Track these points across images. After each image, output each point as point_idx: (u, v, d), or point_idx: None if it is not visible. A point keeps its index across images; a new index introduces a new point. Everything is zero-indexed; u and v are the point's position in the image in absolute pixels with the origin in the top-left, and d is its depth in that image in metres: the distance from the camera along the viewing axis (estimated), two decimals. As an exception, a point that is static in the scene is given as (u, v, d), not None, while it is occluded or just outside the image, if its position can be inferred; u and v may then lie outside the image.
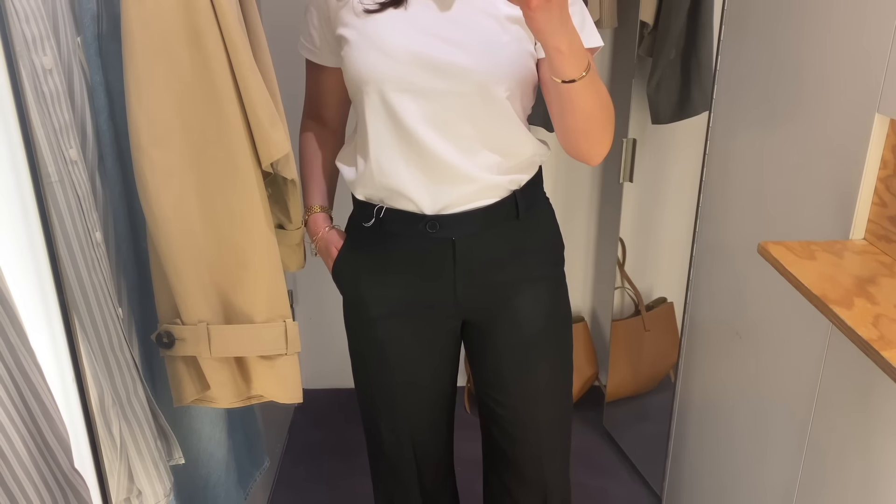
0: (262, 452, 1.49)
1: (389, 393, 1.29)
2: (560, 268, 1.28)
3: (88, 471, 0.71)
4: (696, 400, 1.72)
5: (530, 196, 1.20)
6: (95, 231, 0.80)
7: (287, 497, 2.02)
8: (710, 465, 1.65)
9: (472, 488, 1.61)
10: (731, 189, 1.52)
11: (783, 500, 1.29)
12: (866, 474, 1.05)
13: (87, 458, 0.71)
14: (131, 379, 0.83)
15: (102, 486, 0.72)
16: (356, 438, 2.22)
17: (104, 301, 0.79)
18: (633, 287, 2.23)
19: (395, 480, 1.41)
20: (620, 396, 2.26)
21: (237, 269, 0.94)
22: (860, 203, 1.07)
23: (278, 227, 1.16)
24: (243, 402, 1.01)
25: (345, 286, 1.26)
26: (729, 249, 1.54)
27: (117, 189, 0.92)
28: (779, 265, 1.04)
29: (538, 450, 1.31)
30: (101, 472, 0.71)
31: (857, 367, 1.08)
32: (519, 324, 1.23)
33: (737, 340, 1.49)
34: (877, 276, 0.99)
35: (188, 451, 1.10)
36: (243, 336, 0.95)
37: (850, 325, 0.87)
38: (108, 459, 0.74)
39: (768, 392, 1.35)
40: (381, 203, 1.16)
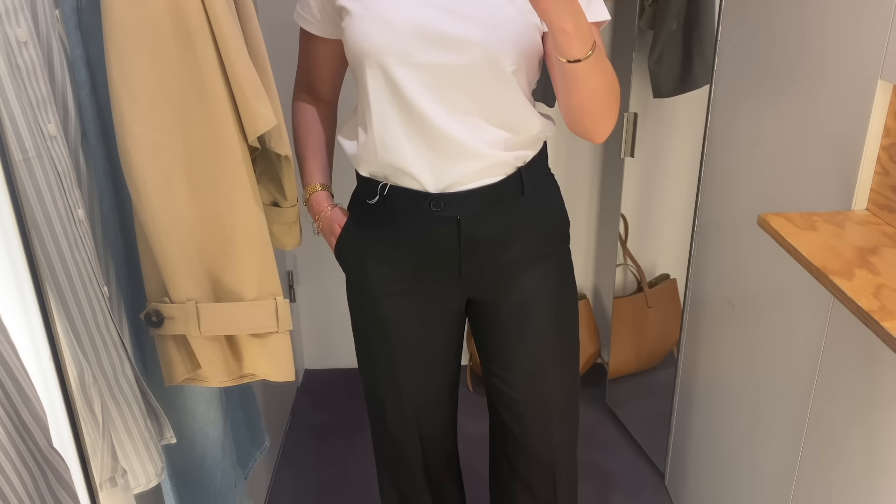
0: (262, 432, 1.49)
1: (394, 371, 1.28)
2: (566, 245, 1.26)
3: (69, 450, 0.70)
4: (699, 376, 1.71)
5: (535, 173, 1.18)
6: (78, 208, 0.79)
7: (290, 476, 2.03)
8: (712, 441, 1.64)
9: (475, 467, 1.61)
10: (733, 162, 1.50)
11: (785, 474, 1.28)
12: (868, 447, 1.04)
13: (68, 438, 0.70)
14: (118, 358, 0.82)
15: (84, 465, 0.71)
16: (359, 418, 2.23)
17: (88, 279, 0.78)
18: (635, 264, 2.21)
19: (398, 459, 1.40)
20: (623, 374, 2.25)
21: (225, 246, 0.92)
22: (862, 172, 1.05)
23: (273, 204, 1.15)
24: (235, 380, 1.00)
25: (348, 265, 1.24)
26: (731, 224, 1.52)
27: (102, 166, 0.91)
28: (779, 237, 1.02)
29: (546, 428, 1.30)
30: (82, 452, 0.71)
31: (858, 340, 1.06)
32: (525, 302, 1.22)
33: (739, 315, 1.48)
34: (879, 246, 0.97)
35: (182, 431, 1.09)
36: (233, 314, 0.94)
37: (850, 295, 0.85)
38: (89, 438, 0.73)
39: (770, 367, 1.34)
40: (385, 180, 1.14)
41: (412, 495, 1.45)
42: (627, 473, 2.01)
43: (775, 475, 1.32)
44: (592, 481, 1.96)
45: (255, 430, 1.46)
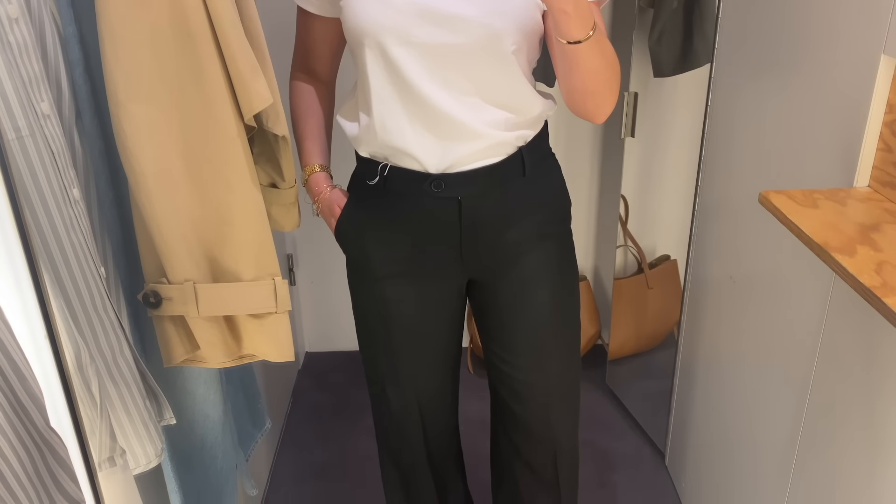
0: (263, 414, 1.49)
1: (395, 352, 1.28)
2: (567, 224, 1.26)
3: (67, 430, 0.70)
4: (699, 356, 1.71)
5: (537, 152, 1.17)
6: (73, 188, 0.78)
7: (292, 458, 2.03)
8: (712, 421, 1.64)
9: (476, 449, 1.61)
10: (734, 141, 1.48)
11: (785, 453, 1.28)
12: (869, 424, 1.04)
13: (66, 418, 0.70)
14: (116, 339, 0.82)
15: (83, 445, 0.71)
16: (360, 400, 2.23)
17: (84, 260, 0.77)
18: (635, 245, 2.20)
19: (400, 440, 1.40)
20: (623, 355, 2.25)
21: (222, 226, 0.92)
22: (865, 149, 1.04)
23: (271, 185, 1.14)
24: (234, 361, 0.99)
25: (348, 246, 1.24)
26: (732, 203, 1.51)
27: (97, 146, 0.90)
28: (780, 214, 1.01)
29: (547, 408, 1.30)
30: (80, 431, 0.70)
31: (859, 318, 1.05)
32: (526, 282, 1.21)
33: (740, 295, 1.47)
34: (881, 223, 0.97)
35: (182, 413, 1.09)
36: (231, 294, 0.94)
37: (852, 272, 0.85)
38: (87, 418, 0.73)
39: (771, 346, 1.34)
40: (386, 161, 1.14)
41: (413, 476, 1.46)
42: (628, 453, 2.01)
43: (775, 454, 1.32)
44: (593, 461, 1.97)
45: (256, 411, 1.47)
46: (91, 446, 0.73)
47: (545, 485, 1.37)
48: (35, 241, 0.70)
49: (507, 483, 1.43)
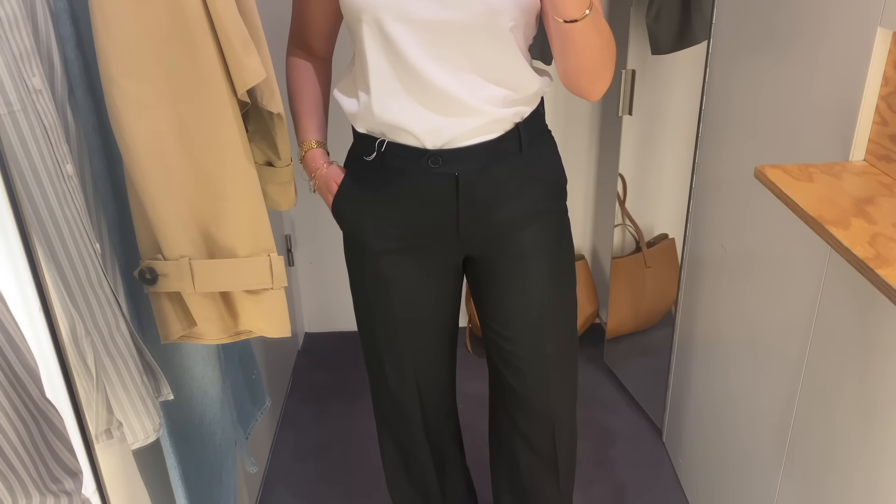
0: (262, 392, 1.50)
1: (393, 328, 1.29)
2: (563, 201, 1.26)
3: (63, 402, 0.71)
4: (697, 334, 1.72)
5: (534, 129, 1.17)
6: (66, 163, 0.78)
7: (292, 437, 2.05)
8: (709, 398, 1.65)
9: (474, 426, 1.62)
10: (731, 118, 1.48)
11: (781, 427, 1.29)
12: (863, 397, 1.05)
13: (62, 390, 0.70)
14: (112, 314, 0.82)
15: (79, 417, 0.71)
16: (359, 380, 2.24)
17: (79, 235, 0.78)
18: (633, 224, 2.20)
19: (398, 417, 1.41)
20: (621, 333, 2.26)
21: (217, 201, 0.92)
22: (860, 122, 1.04)
23: (267, 164, 1.14)
24: (231, 337, 1.00)
25: (346, 222, 1.24)
26: (729, 180, 1.51)
27: (90, 122, 0.90)
28: (775, 188, 1.01)
29: (545, 382, 1.31)
30: (76, 404, 0.71)
31: (854, 291, 1.06)
32: (523, 257, 1.22)
33: (737, 272, 1.48)
34: (876, 196, 0.97)
35: (180, 389, 1.10)
36: (227, 270, 0.94)
37: (846, 244, 0.85)
38: (83, 391, 0.73)
39: (767, 322, 1.34)
40: (383, 137, 1.13)
41: (412, 451, 1.47)
42: (625, 430, 2.03)
43: (771, 429, 1.33)
44: (591, 438, 1.98)
45: (256, 390, 1.47)
46: (88, 419, 0.73)
47: (543, 460, 1.39)
48: (28, 214, 0.70)
49: (506, 459, 1.44)
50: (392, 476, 1.54)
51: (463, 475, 1.57)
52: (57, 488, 0.61)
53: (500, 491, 1.50)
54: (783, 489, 1.28)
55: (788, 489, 1.27)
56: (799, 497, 1.23)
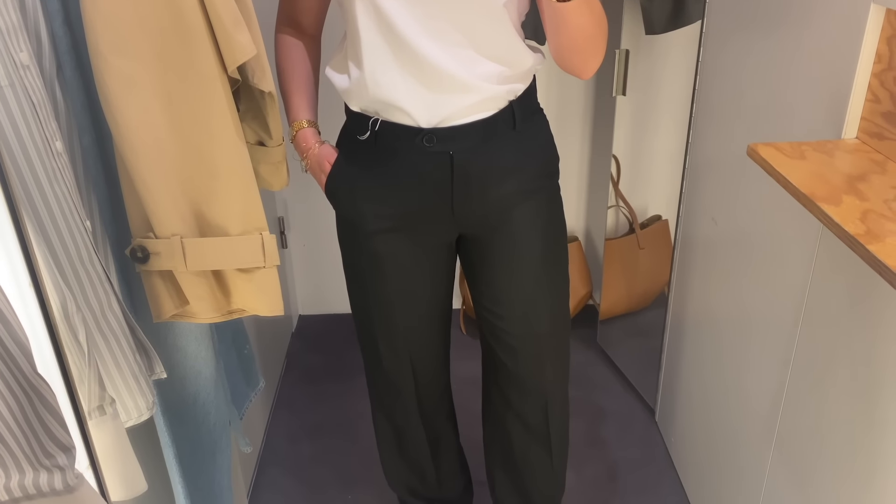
0: (256, 373, 1.50)
1: (386, 308, 1.29)
2: (555, 179, 1.26)
3: (55, 378, 0.71)
4: (689, 314, 1.72)
5: (527, 106, 1.17)
6: (55, 140, 0.78)
7: (286, 418, 2.06)
8: (701, 377, 1.66)
9: (468, 407, 1.63)
10: (725, 98, 1.48)
11: (772, 406, 1.30)
12: (853, 375, 1.05)
13: (53, 366, 0.70)
14: (104, 292, 0.82)
15: (71, 393, 0.71)
16: (354, 361, 2.25)
17: (69, 213, 0.77)
18: (627, 205, 2.20)
19: (392, 395, 1.42)
20: (614, 314, 2.27)
21: (208, 179, 0.91)
22: (853, 100, 1.04)
23: (259, 143, 1.13)
24: (224, 316, 1.00)
25: (339, 203, 1.24)
26: (722, 160, 1.51)
27: (80, 99, 0.89)
28: (768, 166, 1.01)
29: (538, 360, 1.31)
30: (68, 380, 0.71)
31: (845, 271, 1.06)
32: (516, 235, 1.22)
33: (729, 251, 1.48)
34: (867, 173, 0.97)
35: (174, 369, 1.10)
36: (219, 249, 0.94)
37: (837, 221, 0.85)
38: (76, 366, 0.73)
39: (759, 301, 1.35)
40: (377, 115, 1.13)
41: (406, 431, 1.48)
42: (618, 410, 2.04)
43: (762, 408, 1.34)
44: (584, 418, 1.99)
45: (250, 370, 1.47)
46: (80, 395, 0.73)
47: (537, 437, 1.40)
48: (17, 190, 0.70)
49: (499, 437, 1.45)
50: (386, 456, 1.55)
51: (457, 454, 1.59)
52: (50, 463, 0.61)
53: (493, 469, 1.51)
54: (774, 467, 1.30)
55: (779, 467, 1.28)
56: (789, 475, 1.24)
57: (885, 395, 0.98)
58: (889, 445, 0.97)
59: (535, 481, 1.46)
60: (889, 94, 0.99)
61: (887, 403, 0.97)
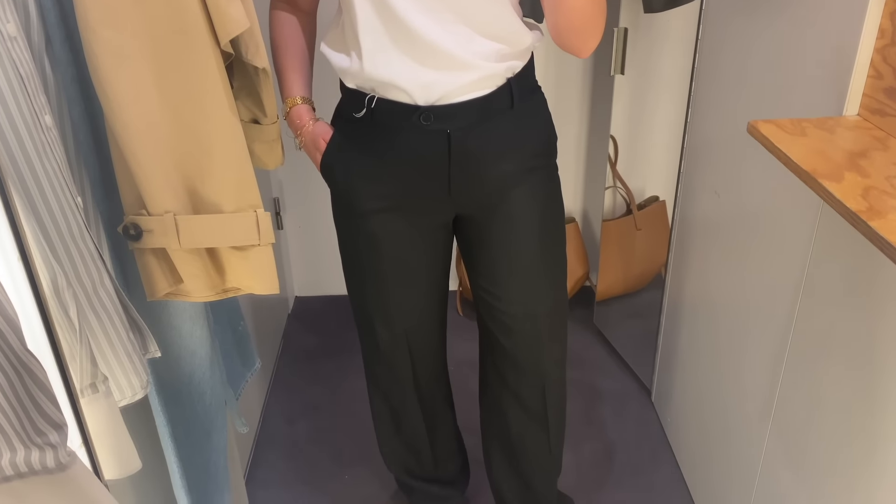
0: (252, 354, 1.49)
1: (382, 288, 1.28)
2: (553, 158, 1.25)
3: (46, 355, 0.70)
4: (686, 295, 1.72)
5: (524, 84, 1.16)
6: (44, 114, 0.76)
7: (283, 399, 2.05)
8: (698, 357, 1.66)
9: (465, 387, 1.63)
10: (725, 76, 1.46)
11: (769, 386, 1.30)
12: (850, 356, 1.05)
13: (44, 342, 0.69)
14: (96, 270, 0.81)
15: (63, 370, 0.70)
16: (350, 343, 2.24)
17: (60, 188, 0.76)
18: (624, 186, 2.19)
19: (388, 376, 1.42)
20: (611, 296, 2.26)
21: (201, 156, 0.90)
22: (855, 76, 1.03)
23: (253, 121, 1.12)
24: (218, 295, 0.99)
25: (335, 182, 1.22)
26: (721, 140, 1.49)
27: (69, 73, 0.87)
28: (768, 143, 1.00)
29: (536, 341, 1.31)
30: (59, 357, 0.70)
31: (844, 248, 1.06)
32: (514, 216, 1.21)
33: (727, 232, 1.47)
34: (869, 150, 0.96)
35: (169, 348, 1.09)
36: (213, 226, 0.92)
37: (838, 197, 0.84)
38: (67, 343, 0.72)
39: (757, 280, 1.34)
40: (373, 92, 1.11)
41: (403, 411, 1.48)
42: (615, 391, 2.04)
43: (759, 386, 1.34)
44: (581, 398, 2.00)
45: (246, 351, 1.47)
46: (72, 372, 0.73)
47: (534, 417, 1.39)
48: (5, 164, 0.68)
49: (497, 418, 1.44)
50: (383, 436, 1.55)
51: (454, 435, 1.58)
52: (41, 441, 0.60)
53: (490, 450, 1.51)
54: (769, 447, 1.30)
55: (775, 447, 1.28)
56: (785, 455, 1.24)
57: (884, 375, 0.97)
58: (887, 426, 0.97)
59: (532, 462, 1.46)
60: (892, 69, 0.97)
61: (887, 383, 0.97)
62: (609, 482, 1.76)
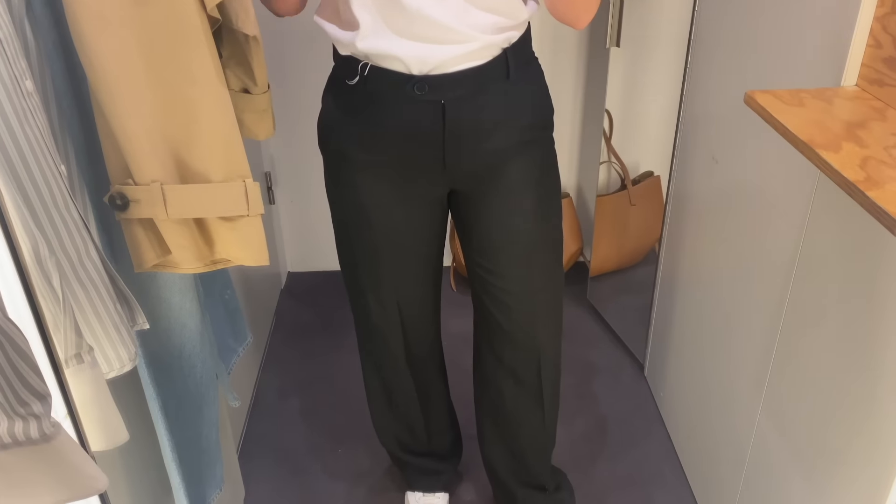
0: (244, 328, 1.48)
1: (375, 260, 1.27)
2: (550, 131, 1.23)
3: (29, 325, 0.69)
4: (680, 270, 1.71)
5: (521, 54, 1.14)
6: (25, 79, 0.74)
7: (276, 374, 2.05)
8: (691, 332, 1.66)
9: (458, 363, 1.62)
10: (721, 48, 1.44)
11: (762, 360, 1.30)
12: (844, 325, 1.05)
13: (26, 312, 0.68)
14: (81, 240, 0.79)
15: (46, 340, 0.69)
16: (343, 318, 2.24)
17: (42, 155, 0.74)
18: (619, 161, 2.18)
19: (382, 351, 1.41)
20: (605, 271, 2.26)
21: (188, 123, 0.88)
22: (854, 45, 1.01)
23: (243, 90, 1.10)
24: (207, 266, 0.97)
25: (328, 151, 1.21)
26: (717, 113, 1.48)
27: (51, 38, 0.85)
28: (765, 113, 0.98)
29: (532, 315, 1.30)
30: (42, 326, 0.69)
31: (840, 221, 1.05)
32: (509, 189, 1.19)
33: (722, 206, 1.46)
34: (867, 120, 0.95)
35: (158, 321, 1.08)
36: (201, 196, 0.91)
37: (836, 167, 0.83)
38: (50, 313, 0.71)
39: (752, 255, 1.34)
40: (366, 60, 1.09)
41: (396, 385, 1.47)
42: (608, 365, 2.04)
43: (753, 360, 1.33)
44: (574, 373, 2.00)
45: (237, 325, 1.46)
46: (56, 342, 0.71)
47: (529, 392, 1.39)
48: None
49: (491, 393, 1.44)
50: (376, 410, 1.54)
51: (446, 408, 1.58)
52: (25, 411, 0.59)
53: (484, 425, 1.51)
54: (762, 419, 1.30)
55: (767, 419, 1.28)
56: (779, 428, 1.25)
57: (877, 348, 0.97)
58: (878, 398, 0.97)
59: (526, 437, 1.46)
60: (891, 38, 0.96)
61: (880, 356, 0.96)
62: (601, 456, 1.77)
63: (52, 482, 0.63)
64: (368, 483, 1.72)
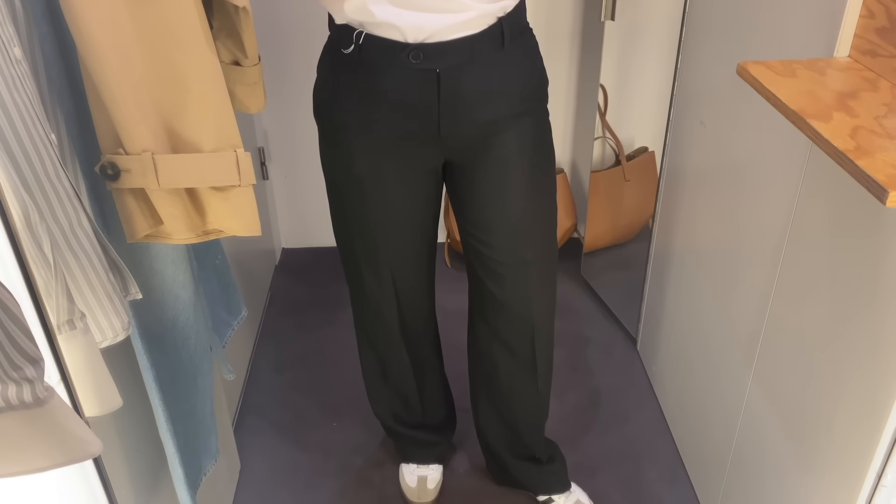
0: (238, 302, 1.49)
1: (369, 232, 1.27)
2: (544, 102, 1.23)
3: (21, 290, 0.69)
4: (673, 245, 1.72)
5: (515, 24, 1.13)
6: (13, 46, 0.73)
7: (271, 349, 2.06)
8: (684, 306, 1.67)
9: (452, 338, 1.63)
10: (715, 20, 1.44)
11: (752, 332, 1.31)
12: (834, 299, 1.05)
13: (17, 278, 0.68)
14: (73, 209, 0.79)
15: (38, 306, 0.69)
16: (338, 294, 2.24)
17: (31, 123, 0.74)
18: (613, 136, 2.17)
19: (377, 323, 1.41)
20: (598, 247, 2.26)
21: (179, 93, 0.87)
22: (847, 15, 1.01)
23: (234, 63, 1.09)
24: (199, 237, 0.97)
25: (322, 119, 1.20)
26: (712, 85, 1.48)
27: (39, 6, 0.84)
28: (758, 84, 0.98)
29: (526, 287, 1.30)
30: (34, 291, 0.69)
31: (831, 190, 1.05)
32: (504, 160, 1.20)
33: (715, 181, 1.47)
34: (859, 90, 0.95)
35: (152, 293, 1.08)
36: (192, 166, 0.90)
37: (826, 136, 0.83)
38: (41, 279, 0.71)
39: (744, 228, 1.34)
40: (361, 27, 1.09)
41: (390, 358, 1.48)
42: (600, 339, 2.06)
43: (744, 333, 1.34)
44: (567, 346, 2.01)
45: (232, 299, 1.46)
46: (48, 308, 0.72)
47: (523, 365, 1.40)
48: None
49: (485, 367, 1.45)
50: (371, 383, 1.55)
51: (441, 381, 1.59)
52: (18, 375, 0.60)
53: (478, 398, 1.52)
54: (753, 391, 1.31)
55: (758, 391, 1.29)
56: (768, 400, 1.26)
57: (868, 315, 0.98)
58: (868, 366, 0.98)
59: (520, 409, 1.47)
60: (884, 8, 0.96)
61: (870, 323, 0.97)
62: (593, 428, 1.78)
63: (45, 446, 0.63)
64: (363, 455, 1.74)
